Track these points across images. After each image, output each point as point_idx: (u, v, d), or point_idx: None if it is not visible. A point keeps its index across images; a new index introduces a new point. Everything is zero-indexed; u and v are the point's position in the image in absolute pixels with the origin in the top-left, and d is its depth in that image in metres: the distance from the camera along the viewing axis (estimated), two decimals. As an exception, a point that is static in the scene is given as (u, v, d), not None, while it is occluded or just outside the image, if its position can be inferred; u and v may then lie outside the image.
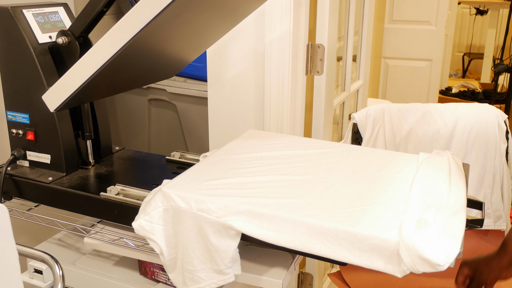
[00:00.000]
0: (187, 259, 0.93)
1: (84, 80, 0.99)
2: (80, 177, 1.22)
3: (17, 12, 1.15)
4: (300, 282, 1.74)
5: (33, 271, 1.15)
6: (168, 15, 0.88)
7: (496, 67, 4.09)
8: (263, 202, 0.89)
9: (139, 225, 0.95)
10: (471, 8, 5.25)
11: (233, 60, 1.47)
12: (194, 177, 1.01)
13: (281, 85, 1.40)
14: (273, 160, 1.09)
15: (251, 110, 1.49)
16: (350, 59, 1.92)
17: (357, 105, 2.18)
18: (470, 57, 5.39)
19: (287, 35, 1.37)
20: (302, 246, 0.83)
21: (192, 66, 1.83)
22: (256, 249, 1.06)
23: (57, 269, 0.93)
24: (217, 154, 1.13)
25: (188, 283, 0.95)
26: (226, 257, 0.90)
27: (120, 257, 1.24)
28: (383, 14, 3.36)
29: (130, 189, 1.13)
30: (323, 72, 1.49)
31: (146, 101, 2.02)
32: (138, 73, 1.21)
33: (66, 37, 1.14)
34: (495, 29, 4.72)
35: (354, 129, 1.63)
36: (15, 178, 1.22)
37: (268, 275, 1.00)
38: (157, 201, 0.94)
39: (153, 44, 1.04)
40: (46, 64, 1.17)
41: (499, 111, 1.58)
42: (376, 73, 3.37)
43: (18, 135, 1.24)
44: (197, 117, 1.88)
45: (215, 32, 1.20)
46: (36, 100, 1.15)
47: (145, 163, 1.35)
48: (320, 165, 1.07)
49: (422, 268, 0.75)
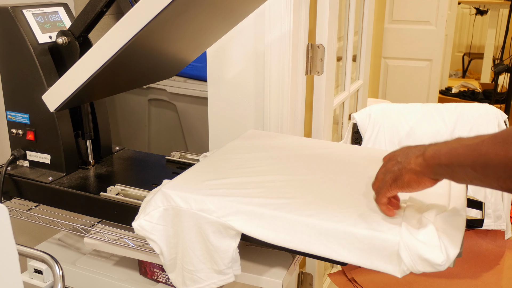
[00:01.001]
0: (187, 259, 0.93)
1: (84, 80, 0.99)
2: (80, 177, 1.22)
3: (17, 12, 1.15)
4: (300, 282, 1.74)
5: (33, 271, 1.15)
6: (168, 15, 0.88)
7: (496, 67, 4.10)
8: (263, 202, 0.89)
9: (139, 225, 0.95)
10: (471, 8, 5.25)
11: (233, 60, 1.47)
12: (194, 177, 1.01)
13: (281, 85, 1.40)
14: (273, 160, 1.09)
15: (251, 110, 1.48)
16: (350, 59, 1.92)
17: (357, 105, 2.18)
18: (470, 57, 5.39)
19: (287, 35, 1.37)
20: (302, 246, 0.83)
21: (192, 66, 1.83)
22: (256, 249, 1.06)
23: (57, 269, 0.93)
24: (217, 154, 1.13)
25: (187, 283, 0.95)
26: (226, 257, 0.90)
27: (120, 257, 1.24)
28: (383, 14, 3.35)
29: (130, 189, 1.13)
30: (323, 72, 1.49)
31: (146, 101, 2.02)
32: (138, 73, 1.21)
33: (66, 37, 1.14)
34: (495, 29, 4.72)
35: (354, 129, 1.63)
36: (15, 178, 1.22)
37: (268, 275, 1.00)
38: (157, 201, 0.94)
39: (153, 44, 1.04)
40: (46, 64, 1.17)
41: (499, 111, 1.58)
42: (376, 73, 3.37)
43: (18, 135, 1.24)
44: (197, 117, 1.88)
45: (215, 32, 1.20)
46: (36, 100, 1.15)
47: (145, 163, 1.35)
48: (320, 165, 1.07)
49: (422, 268, 0.75)
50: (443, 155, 0.75)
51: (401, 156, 0.83)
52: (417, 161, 0.79)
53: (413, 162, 0.79)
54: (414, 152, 0.81)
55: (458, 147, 0.73)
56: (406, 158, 0.81)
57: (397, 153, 0.85)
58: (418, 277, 0.92)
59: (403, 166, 0.81)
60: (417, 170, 0.78)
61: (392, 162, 0.84)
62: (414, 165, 0.79)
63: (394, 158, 0.84)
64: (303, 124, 1.55)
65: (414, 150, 0.81)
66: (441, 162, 0.75)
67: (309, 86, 1.56)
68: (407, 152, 0.82)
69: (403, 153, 0.83)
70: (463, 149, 0.72)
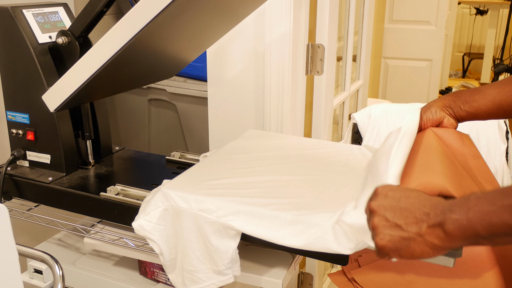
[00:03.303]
0: (187, 259, 0.93)
1: (84, 80, 0.99)
2: (80, 177, 1.22)
3: (17, 12, 1.15)
4: (300, 282, 1.74)
5: (33, 271, 1.15)
6: (168, 15, 0.88)
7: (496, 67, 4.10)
8: (263, 202, 0.89)
9: (139, 225, 0.95)
10: (471, 8, 5.25)
11: (233, 60, 1.47)
12: (194, 177, 1.01)
13: (281, 85, 1.40)
14: (273, 160, 1.09)
15: (251, 110, 1.48)
16: (350, 59, 1.91)
17: (357, 105, 2.18)
18: (470, 57, 5.39)
19: (287, 35, 1.37)
20: (301, 244, 0.83)
21: (192, 66, 1.83)
22: (256, 249, 1.06)
23: (57, 269, 0.93)
24: (217, 154, 1.13)
25: (187, 283, 0.95)
26: (225, 257, 0.90)
27: (120, 257, 1.24)
28: (383, 14, 3.36)
29: (130, 189, 1.13)
30: (323, 72, 1.49)
31: (146, 101, 2.02)
32: (138, 73, 1.21)
33: (66, 37, 1.14)
34: (495, 29, 4.73)
35: (354, 129, 1.63)
36: (15, 178, 1.22)
37: (268, 275, 1.00)
38: (157, 201, 0.94)
39: (153, 44, 1.04)
40: (46, 64, 1.17)
41: (499, 111, 1.58)
42: (376, 73, 3.37)
43: (18, 135, 1.24)
44: (197, 117, 1.89)
45: (215, 32, 1.20)
46: (36, 100, 1.14)
47: (145, 163, 1.35)
48: (320, 165, 1.07)
49: (359, 237, 0.74)
50: (479, 225, 0.58)
51: (397, 215, 0.64)
52: (433, 232, 0.62)
53: (426, 231, 0.62)
54: (418, 215, 0.63)
55: (496, 211, 0.56)
56: (411, 223, 0.63)
57: (387, 205, 0.66)
58: (418, 277, 0.92)
59: (410, 237, 0.63)
60: (436, 244, 0.62)
61: (387, 219, 0.65)
62: (430, 237, 0.62)
63: (386, 213, 0.65)
64: (303, 124, 1.55)
65: (416, 211, 0.63)
66: (477, 234, 0.58)
67: (309, 86, 1.56)
68: (406, 210, 0.64)
69: (399, 211, 0.65)
70: (506, 213, 0.56)
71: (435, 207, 0.63)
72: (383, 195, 0.67)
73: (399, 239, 0.64)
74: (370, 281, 1.01)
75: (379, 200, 0.67)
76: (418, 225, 0.63)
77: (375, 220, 0.66)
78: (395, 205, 0.65)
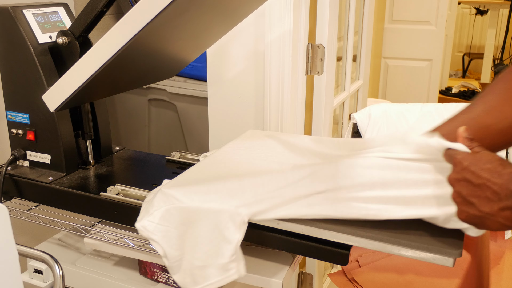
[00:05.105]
0: (190, 259, 0.93)
1: (84, 80, 0.99)
2: (80, 177, 1.22)
3: (17, 12, 1.15)
4: (300, 282, 1.74)
5: (33, 271, 1.15)
6: (168, 15, 0.88)
7: (496, 67, 4.10)
8: (265, 196, 0.89)
9: (143, 226, 0.94)
10: (471, 8, 5.25)
11: (233, 60, 1.47)
12: (194, 177, 1.01)
13: (281, 85, 1.40)
14: (273, 159, 1.09)
15: (251, 110, 1.49)
16: (350, 59, 1.92)
17: (357, 105, 2.18)
18: (470, 57, 5.39)
19: (287, 35, 1.37)
20: (319, 213, 0.84)
21: (192, 66, 1.83)
22: (256, 249, 1.06)
23: (57, 269, 0.93)
24: (217, 154, 1.13)
25: (191, 282, 0.94)
26: (229, 248, 0.89)
27: (120, 257, 1.24)
28: (383, 14, 3.36)
29: (130, 189, 1.13)
30: (323, 72, 1.49)
31: (146, 101, 2.02)
32: (138, 73, 1.21)
33: (66, 37, 1.14)
34: (495, 29, 4.72)
35: (354, 129, 1.63)
36: (15, 178, 1.22)
37: (268, 275, 1.00)
38: (159, 201, 0.94)
39: (153, 44, 1.04)
40: (46, 64, 1.17)
41: (499, 111, 1.58)
42: (376, 73, 3.37)
43: (18, 135, 1.24)
44: (197, 117, 1.89)
45: (215, 32, 1.20)
46: (36, 100, 1.15)
47: (145, 163, 1.35)
48: (322, 163, 1.06)
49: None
50: None
51: (470, 193, 0.66)
52: (503, 214, 0.63)
53: (496, 213, 0.64)
54: (489, 194, 0.64)
55: None
56: (483, 203, 0.65)
57: (462, 179, 0.67)
58: (418, 277, 0.92)
59: (483, 216, 0.65)
60: (507, 225, 0.64)
61: (462, 195, 0.67)
62: (501, 218, 0.64)
63: (462, 189, 0.67)
64: (303, 124, 1.55)
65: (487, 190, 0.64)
66: None
67: (309, 86, 1.56)
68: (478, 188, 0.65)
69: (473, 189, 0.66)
70: None
71: (505, 187, 0.63)
72: (461, 167, 0.68)
73: (473, 217, 0.66)
74: (370, 281, 1.02)
75: (456, 174, 0.69)
76: (490, 205, 0.64)
77: (453, 195, 0.69)
78: (469, 181, 0.66)
